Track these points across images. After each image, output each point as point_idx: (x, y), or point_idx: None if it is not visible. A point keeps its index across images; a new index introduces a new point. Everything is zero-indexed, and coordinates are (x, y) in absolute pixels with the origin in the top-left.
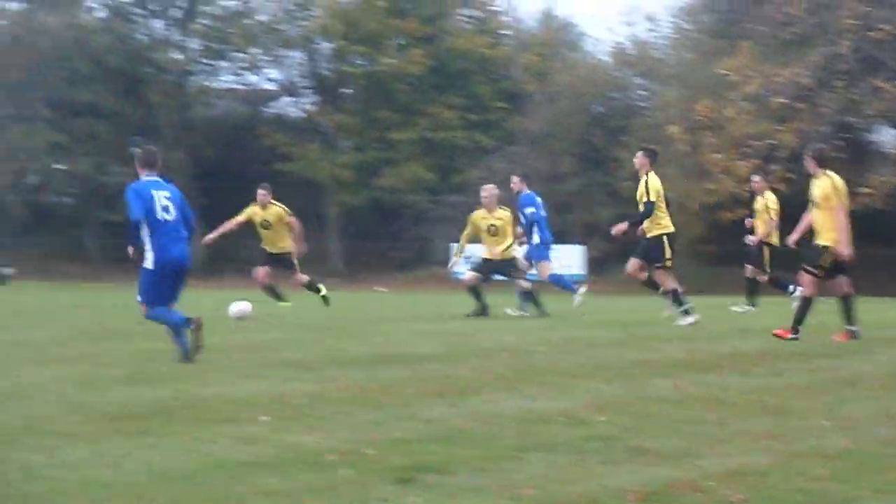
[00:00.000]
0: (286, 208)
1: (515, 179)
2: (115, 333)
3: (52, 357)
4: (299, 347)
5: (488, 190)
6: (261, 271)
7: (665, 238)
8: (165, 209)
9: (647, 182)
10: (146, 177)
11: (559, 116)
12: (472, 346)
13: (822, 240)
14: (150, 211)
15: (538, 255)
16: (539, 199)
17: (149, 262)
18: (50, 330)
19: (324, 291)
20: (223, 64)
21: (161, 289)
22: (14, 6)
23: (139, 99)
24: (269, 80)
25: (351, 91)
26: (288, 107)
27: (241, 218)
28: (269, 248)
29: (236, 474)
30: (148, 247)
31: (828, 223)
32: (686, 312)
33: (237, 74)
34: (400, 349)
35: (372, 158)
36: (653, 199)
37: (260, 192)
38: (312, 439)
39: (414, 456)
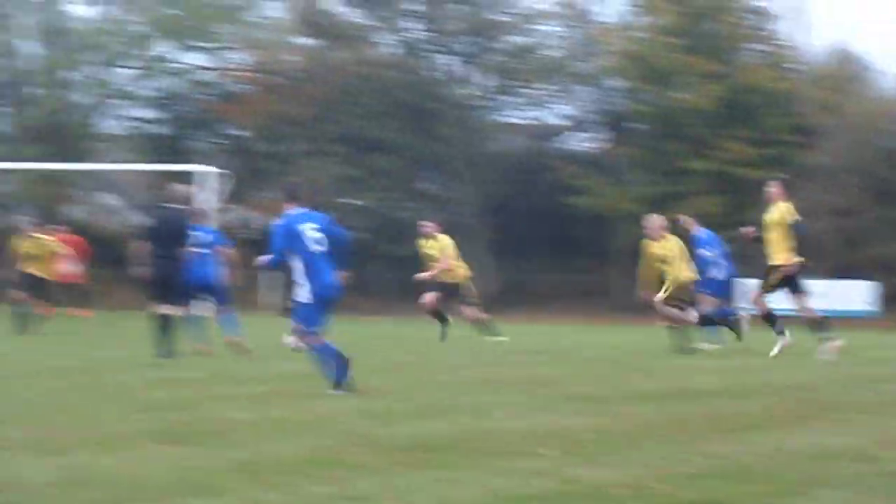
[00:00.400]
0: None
1: (688, 220)
2: (402, 366)
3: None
4: (586, 381)
5: (650, 220)
6: (429, 297)
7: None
8: (316, 241)
9: (783, 210)
10: (292, 210)
11: (849, 150)
12: (754, 381)
13: None
14: (300, 246)
15: (711, 288)
16: (711, 237)
17: (304, 295)
18: None
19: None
20: (511, 99)
21: (318, 318)
22: (308, 43)
23: (428, 134)
24: (557, 115)
25: (641, 126)
26: (576, 141)
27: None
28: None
29: None
30: (303, 280)
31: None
32: None
33: (525, 109)
34: (684, 383)
35: (661, 192)
36: (791, 222)
37: (427, 224)
38: (599, 473)
39: (702, 491)
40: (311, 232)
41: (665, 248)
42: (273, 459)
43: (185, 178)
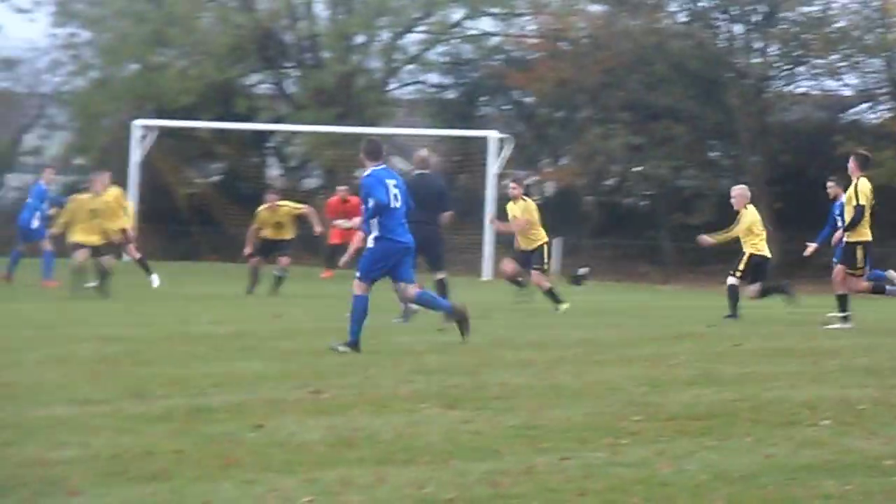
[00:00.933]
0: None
1: None
2: (683, 335)
3: (620, 357)
4: (865, 352)
5: (736, 190)
6: (508, 264)
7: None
8: (395, 197)
9: (856, 186)
10: (375, 167)
11: None
12: None
13: None
14: (386, 199)
15: None
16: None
17: (372, 242)
18: (621, 330)
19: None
20: (801, 69)
21: (378, 268)
22: (596, 9)
23: (717, 103)
24: (847, 85)
25: None
26: (865, 113)
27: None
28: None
29: (794, 476)
30: (376, 230)
31: None
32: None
33: (815, 80)
34: None
35: None
36: (862, 202)
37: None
38: (873, 444)
39: None
40: (393, 188)
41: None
42: (550, 425)
43: (474, 143)
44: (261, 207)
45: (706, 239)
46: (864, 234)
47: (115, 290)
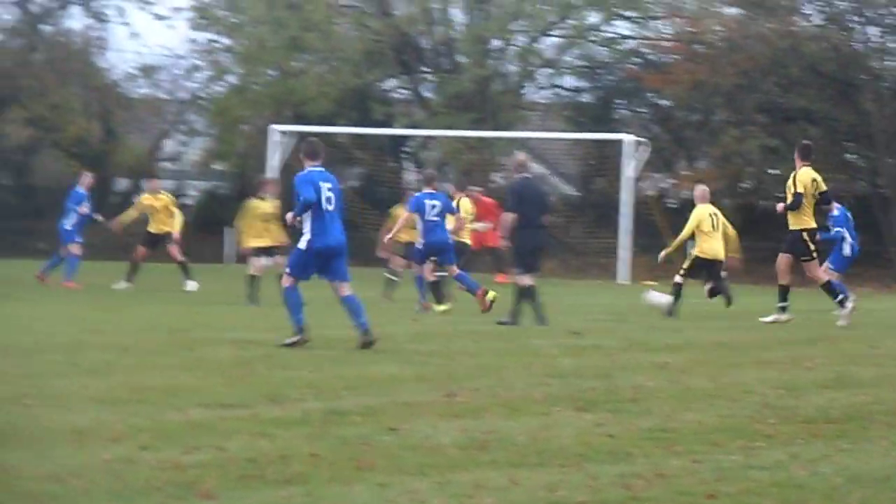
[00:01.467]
0: None
1: None
2: (819, 338)
3: (755, 360)
4: None
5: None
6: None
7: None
8: (328, 200)
9: (795, 175)
10: (312, 167)
11: None
12: None
13: None
14: (316, 198)
15: None
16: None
17: (303, 243)
18: (756, 333)
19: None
20: None
21: (308, 268)
22: (731, 12)
23: (852, 106)
24: None
25: None
26: None
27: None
28: None
29: None
30: (307, 229)
31: None
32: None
33: None
34: None
35: None
36: (800, 190)
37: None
38: None
39: None
40: (327, 191)
41: None
42: (684, 428)
43: (609, 146)
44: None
45: (662, 255)
46: (807, 221)
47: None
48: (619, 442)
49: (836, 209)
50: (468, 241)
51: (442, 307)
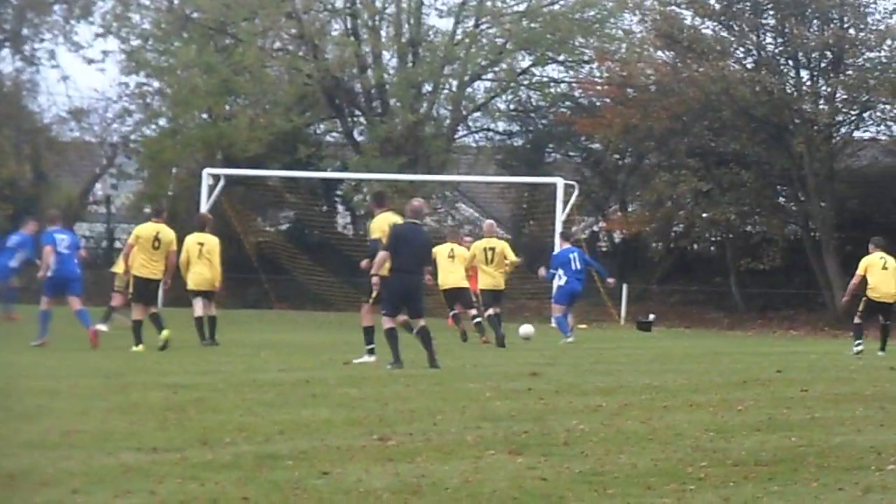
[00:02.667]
0: None
1: None
2: (751, 381)
3: (687, 402)
4: None
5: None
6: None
7: None
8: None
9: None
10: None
11: None
12: None
13: None
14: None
15: None
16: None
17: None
18: (688, 376)
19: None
20: (868, 115)
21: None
22: (662, 56)
23: (784, 149)
24: None
25: None
26: None
27: None
28: None
29: None
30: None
31: None
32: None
33: (882, 125)
34: None
35: None
36: (130, 242)
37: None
38: None
39: None
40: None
41: None
42: (617, 471)
43: (541, 190)
44: None
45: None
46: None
47: (182, 339)
48: (553, 485)
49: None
50: None
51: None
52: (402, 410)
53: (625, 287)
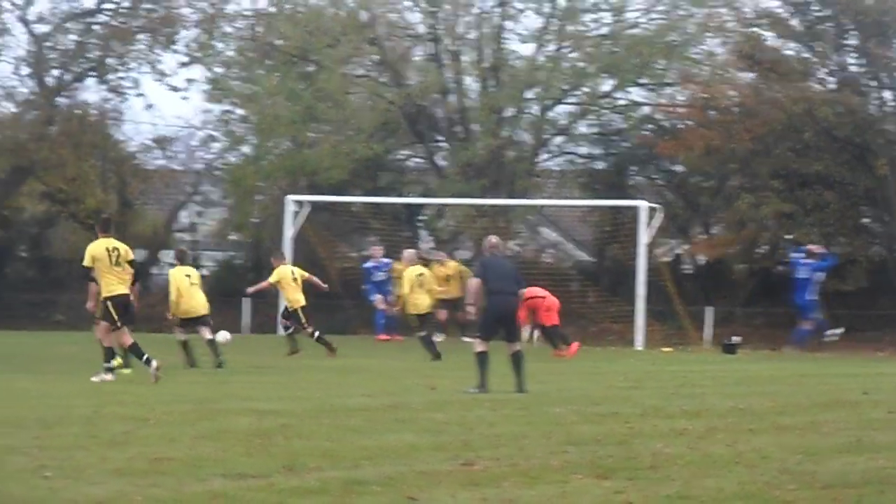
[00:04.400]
0: None
1: None
2: (837, 403)
3: (773, 425)
4: None
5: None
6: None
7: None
8: None
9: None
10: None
11: None
12: None
13: None
14: None
15: None
16: None
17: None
18: (774, 398)
19: None
20: None
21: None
22: (744, 77)
23: (868, 169)
24: None
25: None
26: None
27: None
28: None
29: None
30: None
31: None
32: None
33: None
34: None
35: None
36: (86, 263)
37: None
38: None
39: None
40: None
41: None
42: (703, 495)
43: (624, 213)
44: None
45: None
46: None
47: (274, 364)
48: None
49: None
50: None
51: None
52: (487, 435)
53: (709, 310)
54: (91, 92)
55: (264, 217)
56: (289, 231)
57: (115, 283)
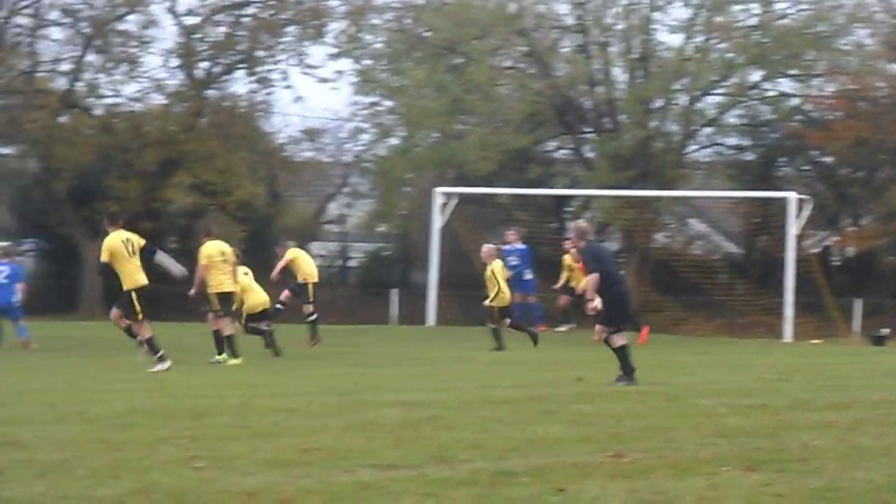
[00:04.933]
0: None
1: None
2: None
3: None
4: None
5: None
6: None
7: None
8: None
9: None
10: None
11: None
12: None
13: None
14: None
15: None
16: None
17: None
18: None
19: None
20: None
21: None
22: (894, 68)
23: None
24: None
25: None
26: None
27: None
28: None
29: None
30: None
31: None
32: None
33: None
34: None
35: None
36: (104, 258)
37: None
38: None
39: None
40: None
41: None
42: (853, 487)
43: (772, 204)
44: None
45: None
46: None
47: (419, 355)
48: (788, 501)
49: None
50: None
51: None
52: (635, 427)
53: (858, 301)
54: (240, 84)
55: (412, 209)
56: (436, 223)
57: (136, 274)
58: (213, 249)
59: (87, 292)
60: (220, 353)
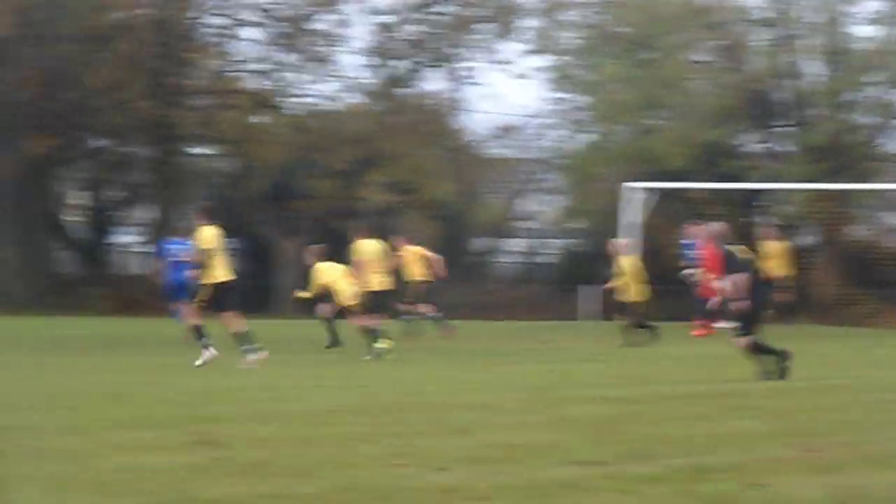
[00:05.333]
0: None
1: None
2: None
3: None
4: None
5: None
6: None
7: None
8: None
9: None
10: None
11: None
12: None
13: None
14: None
15: None
16: None
17: None
18: None
19: None
20: None
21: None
22: None
23: None
24: None
25: None
26: None
27: None
28: None
29: None
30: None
31: None
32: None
33: None
34: None
35: None
36: (204, 246)
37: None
38: None
39: None
40: None
41: None
42: None
43: None
44: None
45: None
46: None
47: (608, 352)
48: None
49: None
50: None
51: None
52: (830, 421)
53: None
54: (433, 82)
55: (605, 204)
56: (629, 218)
57: (220, 269)
58: (368, 248)
59: (279, 291)
60: (375, 343)
